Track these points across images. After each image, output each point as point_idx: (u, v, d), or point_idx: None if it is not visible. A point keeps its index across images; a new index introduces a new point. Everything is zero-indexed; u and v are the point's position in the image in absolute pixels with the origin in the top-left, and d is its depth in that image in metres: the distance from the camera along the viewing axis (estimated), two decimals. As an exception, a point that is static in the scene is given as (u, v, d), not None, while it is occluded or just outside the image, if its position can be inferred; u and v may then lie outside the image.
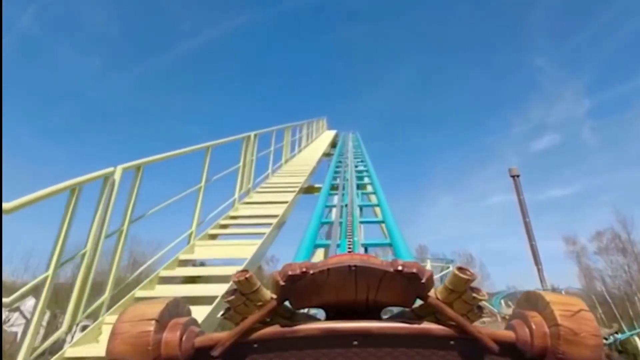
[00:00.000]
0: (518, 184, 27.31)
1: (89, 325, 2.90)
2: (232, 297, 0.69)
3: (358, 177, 7.05)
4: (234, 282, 0.67)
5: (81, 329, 2.96)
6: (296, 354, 0.65)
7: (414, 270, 0.63)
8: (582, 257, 33.44)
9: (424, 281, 0.64)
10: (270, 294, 0.70)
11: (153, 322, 0.63)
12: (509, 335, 0.66)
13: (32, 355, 2.39)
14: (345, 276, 0.64)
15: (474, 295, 0.68)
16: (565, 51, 67.29)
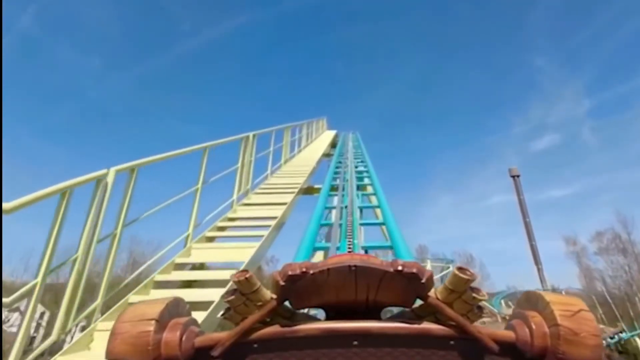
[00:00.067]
0: (518, 184, 27.36)
1: (88, 327, 2.83)
2: (232, 297, 0.68)
3: (358, 177, 7.02)
4: (234, 282, 0.67)
5: (81, 329, 2.88)
6: (296, 354, 0.65)
7: (414, 271, 0.63)
8: (583, 257, 33.59)
9: (424, 281, 0.64)
10: (270, 294, 0.70)
11: (153, 322, 0.63)
12: (509, 335, 0.65)
13: None
14: (345, 276, 0.64)
15: (474, 295, 0.68)
16: (565, 51, 67.75)
